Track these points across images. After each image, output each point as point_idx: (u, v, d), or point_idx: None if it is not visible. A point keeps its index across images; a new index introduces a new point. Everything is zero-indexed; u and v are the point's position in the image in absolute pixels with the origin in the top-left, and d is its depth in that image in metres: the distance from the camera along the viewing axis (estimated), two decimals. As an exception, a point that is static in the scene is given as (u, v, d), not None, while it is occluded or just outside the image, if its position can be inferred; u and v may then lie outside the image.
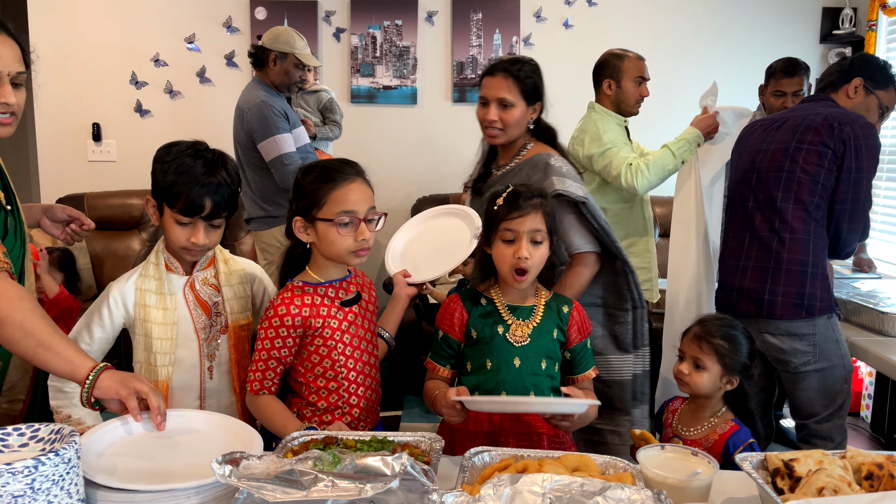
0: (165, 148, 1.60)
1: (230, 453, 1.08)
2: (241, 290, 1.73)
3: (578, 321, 1.68)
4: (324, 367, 1.60)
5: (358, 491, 1.01)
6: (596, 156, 2.63)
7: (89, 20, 4.29)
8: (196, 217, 1.55)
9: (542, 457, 1.23)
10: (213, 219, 1.58)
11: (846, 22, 4.17)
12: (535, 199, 1.61)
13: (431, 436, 1.33)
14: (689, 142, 2.57)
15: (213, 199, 1.55)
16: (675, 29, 4.35)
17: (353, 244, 1.55)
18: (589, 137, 2.67)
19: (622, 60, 2.75)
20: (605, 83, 2.77)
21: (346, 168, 1.58)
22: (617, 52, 2.80)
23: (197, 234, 1.57)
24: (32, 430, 1.13)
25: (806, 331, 2.24)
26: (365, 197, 1.57)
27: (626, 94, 2.74)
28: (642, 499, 1.02)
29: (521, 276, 1.58)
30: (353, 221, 1.54)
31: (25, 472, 0.98)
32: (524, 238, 1.58)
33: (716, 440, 1.66)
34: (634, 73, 2.73)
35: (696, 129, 2.59)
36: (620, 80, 2.74)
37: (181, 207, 1.54)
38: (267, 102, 3.09)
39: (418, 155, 4.44)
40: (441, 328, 1.69)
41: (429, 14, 4.33)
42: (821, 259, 2.26)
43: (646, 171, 2.52)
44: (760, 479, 1.15)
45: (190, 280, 1.66)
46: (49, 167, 4.40)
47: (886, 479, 1.16)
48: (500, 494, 1.04)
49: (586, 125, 2.74)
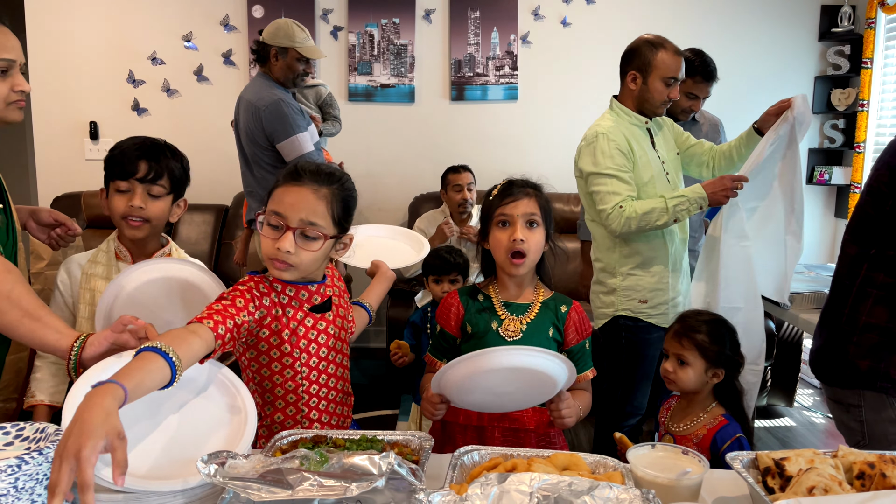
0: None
1: (216, 453, 1.08)
2: None
3: (577, 322, 1.67)
4: (284, 376, 1.46)
5: (343, 490, 1.00)
6: (588, 175, 2.33)
7: (86, 19, 4.29)
8: (132, 180, 1.59)
9: (531, 456, 1.22)
10: (151, 184, 1.61)
11: (845, 20, 4.16)
12: (528, 187, 1.64)
13: (421, 435, 1.32)
14: (689, 201, 2.22)
15: (148, 160, 1.59)
16: (673, 27, 4.34)
17: (271, 250, 1.38)
18: (587, 150, 2.34)
19: (656, 52, 2.30)
20: (629, 75, 2.36)
21: (308, 172, 1.42)
22: (653, 39, 2.34)
23: (134, 198, 1.59)
24: (17, 430, 1.13)
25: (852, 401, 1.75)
26: (304, 206, 1.37)
27: (652, 93, 2.33)
28: (630, 498, 1.02)
29: (518, 258, 1.58)
30: (280, 226, 1.37)
31: (8, 472, 0.97)
32: (518, 221, 1.59)
33: (704, 435, 1.66)
34: (666, 72, 2.30)
35: (704, 192, 2.23)
36: (648, 75, 2.32)
37: (117, 172, 1.59)
38: (284, 101, 3.00)
39: (416, 153, 4.44)
40: (439, 323, 1.71)
41: (426, 12, 4.32)
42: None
43: (631, 221, 2.23)
44: (751, 479, 1.14)
45: None
46: (46, 166, 4.40)
47: (878, 478, 1.15)
48: (488, 494, 1.03)
49: (593, 132, 2.35)
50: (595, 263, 2.48)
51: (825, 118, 4.37)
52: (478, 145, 4.43)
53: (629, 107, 2.39)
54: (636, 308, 2.38)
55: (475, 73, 4.36)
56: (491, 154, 4.42)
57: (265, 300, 1.40)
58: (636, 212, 2.22)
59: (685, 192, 2.24)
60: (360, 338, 4.44)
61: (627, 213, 2.22)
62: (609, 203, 2.25)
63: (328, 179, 1.42)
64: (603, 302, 2.45)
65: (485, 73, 4.36)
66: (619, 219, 2.23)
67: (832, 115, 4.34)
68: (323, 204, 1.40)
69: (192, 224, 4.24)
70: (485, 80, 4.36)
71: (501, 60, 4.35)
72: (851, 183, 4.11)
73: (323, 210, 1.40)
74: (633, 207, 2.23)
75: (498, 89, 4.37)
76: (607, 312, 2.43)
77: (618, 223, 2.24)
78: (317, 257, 1.41)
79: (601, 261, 2.44)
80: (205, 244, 4.18)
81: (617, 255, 2.38)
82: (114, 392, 1.01)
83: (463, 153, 4.31)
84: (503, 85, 4.37)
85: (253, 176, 3.17)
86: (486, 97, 4.38)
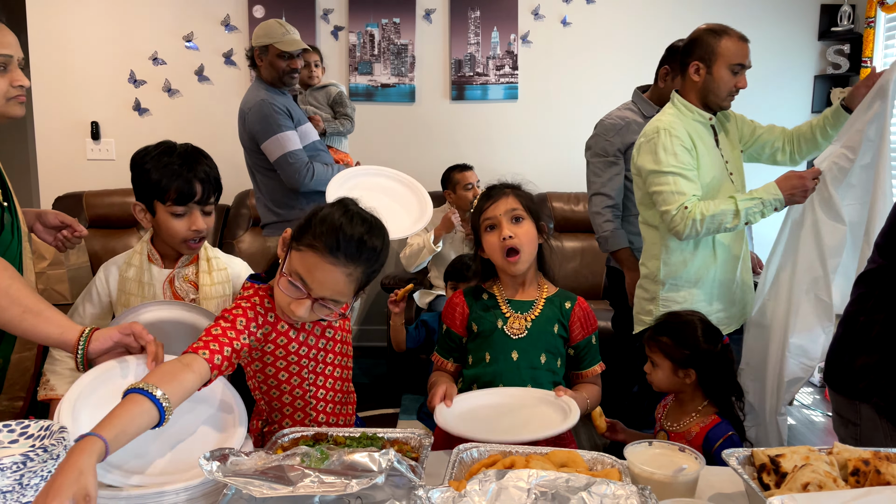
0: (140, 152, 1.66)
1: (218, 449, 1.09)
2: (220, 290, 1.71)
3: (581, 317, 1.69)
4: (291, 383, 1.48)
5: (344, 486, 1.02)
6: (648, 173, 2.18)
7: (88, 19, 4.30)
8: (190, 203, 1.61)
9: (529, 452, 1.24)
10: (205, 203, 1.64)
11: (844, 19, 4.16)
12: (505, 187, 1.69)
13: (421, 432, 1.33)
14: (763, 203, 2.06)
15: (202, 183, 1.62)
16: (673, 26, 4.33)
17: (286, 307, 1.34)
18: (647, 147, 2.19)
19: (719, 39, 2.18)
20: (692, 66, 2.21)
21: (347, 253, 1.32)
22: (714, 27, 2.23)
23: (196, 221, 1.63)
24: (22, 427, 1.14)
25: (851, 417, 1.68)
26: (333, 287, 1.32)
27: (718, 83, 2.18)
28: (626, 494, 1.03)
29: (513, 256, 1.61)
30: (301, 292, 1.32)
31: (14, 468, 0.98)
32: (503, 220, 1.63)
33: (697, 433, 1.69)
34: (732, 59, 2.16)
35: (780, 192, 2.06)
36: (713, 64, 2.17)
37: (174, 198, 1.60)
38: (267, 101, 2.97)
39: (416, 152, 4.45)
40: (444, 322, 1.74)
41: (427, 12, 4.33)
42: None
43: (698, 223, 2.06)
44: (746, 475, 1.15)
45: (171, 275, 1.69)
46: (48, 166, 4.41)
47: (872, 475, 1.16)
48: (486, 490, 1.04)
49: (654, 128, 2.20)
50: (641, 268, 2.39)
51: (825, 117, 4.38)
52: (478, 145, 4.44)
53: (692, 101, 2.24)
54: None
55: (475, 73, 4.37)
56: (491, 153, 4.43)
57: (269, 316, 1.40)
58: (703, 213, 2.06)
59: (758, 194, 2.07)
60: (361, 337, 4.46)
61: (693, 214, 2.06)
62: (673, 204, 2.09)
63: (367, 260, 1.34)
64: (643, 308, 2.36)
65: (485, 72, 4.37)
66: (684, 221, 2.07)
67: (832, 113, 4.34)
68: (351, 283, 1.34)
69: (193, 223, 4.25)
70: (485, 80, 4.37)
71: (502, 60, 4.35)
72: (851, 182, 4.11)
73: (350, 290, 1.35)
74: (700, 208, 2.07)
75: (498, 89, 4.38)
76: (646, 320, 2.32)
77: (683, 225, 2.07)
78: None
79: (647, 266, 2.35)
80: (206, 243, 4.19)
81: (661, 264, 2.25)
82: (91, 448, 1.01)
83: (463, 152, 4.32)
84: (503, 84, 4.38)
85: (257, 183, 3.17)
86: (486, 97, 4.39)
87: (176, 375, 1.19)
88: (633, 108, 2.91)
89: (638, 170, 2.24)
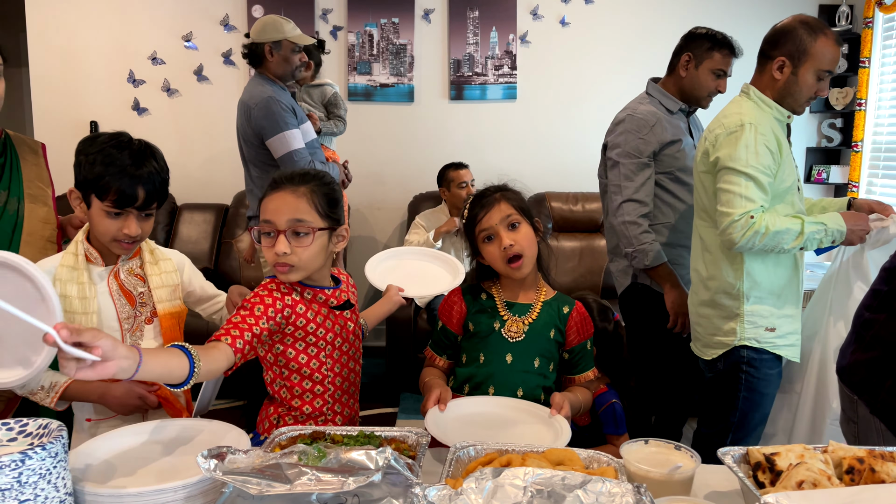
0: (88, 140, 1.56)
1: (216, 447, 1.09)
2: (170, 279, 1.68)
3: (578, 322, 1.69)
4: (311, 367, 1.53)
5: (340, 484, 1.02)
6: (723, 168, 1.94)
7: (87, 18, 4.30)
8: (128, 208, 1.51)
9: (526, 451, 1.24)
10: (146, 209, 1.54)
11: (843, 19, 4.17)
12: (495, 192, 1.67)
13: (418, 430, 1.34)
14: (826, 232, 1.89)
15: (146, 188, 1.51)
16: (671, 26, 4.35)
17: (271, 257, 1.45)
18: (728, 140, 1.93)
19: (815, 38, 1.93)
20: (776, 61, 1.97)
21: (284, 178, 1.49)
22: (812, 22, 1.97)
23: (129, 226, 1.52)
24: (21, 425, 1.14)
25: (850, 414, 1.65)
26: (287, 207, 1.44)
27: (802, 87, 1.96)
28: (622, 492, 1.03)
29: (516, 262, 1.62)
30: (272, 233, 1.45)
31: (12, 466, 0.99)
32: (500, 229, 1.62)
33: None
34: (824, 63, 1.94)
35: (844, 226, 1.91)
36: (801, 64, 1.94)
37: (113, 199, 1.49)
38: (274, 97, 2.99)
39: (415, 152, 4.46)
40: (441, 319, 1.74)
41: (426, 12, 4.34)
42: None
43: (759, 237, 1.86)
44: (741, 473, 1.16)
45: (114, 269, 1.62)
46: (47, 165, 4.42)
47: (867, 473, 1.17)
48: (483, 488, 1.05)
49: (737, 121, 1.94)
50: (709, 282, 2.05)
51: (823, 117, 4.39)
52: (477, 144, 4.45)
53: (769, 98, 2.01)
54: (762, 337, 1.99)
55: (474, 73, 4.38)
56: (490, 153, 4.44)
57: (287, 299, 1.47)
58: (768, 227, 1.85)
59: (824, 220, 1.90)
60: (360, 336, 4.44)
61: (757, 226, 1.85)
62: (738, 208, 1.87)
63: (303, 179, 1.47)
64: (719, 329, 2.03)
65: (484, 72, 4.37)
66: (744, 230, 1.86)
67: (830, 114, 4.35)
68: (304, 201, 1.45)
69: (192, 223, 4.25)
70: (484, 80, 4.38)
71: (500, 60, 4.36)
72: (849, 182, 4.12)
73: (306, 206, 1.45)
74: (765, 222, 1.86)
75: (497, 89, 4.39)
76: (725, 342, 2.02)
77: (740, 234, 1.86)
78: (314, 252, 1.46)
79: (717, 278, 2.02)
80: (205, 243, 4.20)
81: (742, 272, 1.98)
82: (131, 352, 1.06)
83: (462, 152, 4.33)
84: (502, 84, 4.38)
85: (250, 176, 3.19)
86: (484, 97, 4.40)
87: (209, 351, 1.27)
88: (654, 102, 2.54)
89: (714, 162, 1.97)
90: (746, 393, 2.02)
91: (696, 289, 2.12)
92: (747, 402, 2.03)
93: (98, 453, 1.29)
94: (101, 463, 1.26)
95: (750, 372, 2.00)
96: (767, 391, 2.04)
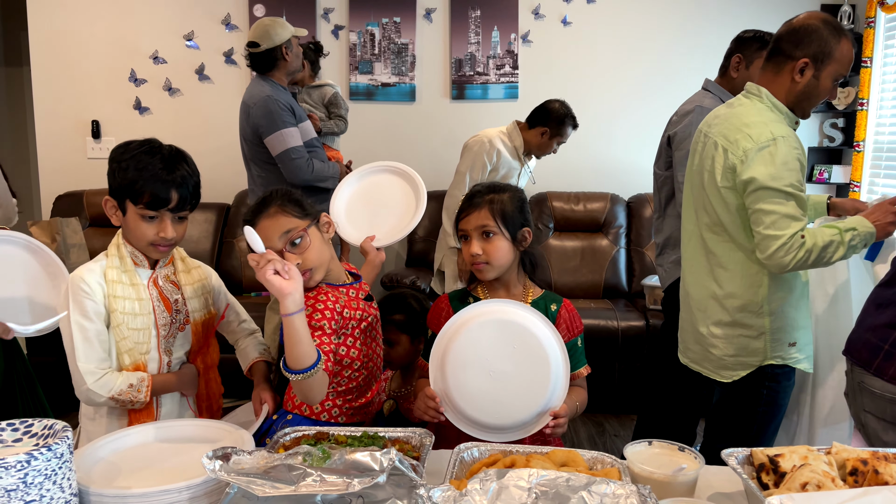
0: (120, 148, 1.60)
1: (221, 448, 1.10)
2: (201, 288, 1.74)
3: (567, 320, 1.69)
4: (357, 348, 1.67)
5: (345, 485, 1.02)
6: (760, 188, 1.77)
7: (88, 17, 4.30)
8: (163, 210, 1.56)
9: (530, 452, 1.25)
10: (180, 211, 1.59)
11: (844, 19, 4.17)
12: (486, 195, 1.67)
13: (422, 431, 1.34)
14: (860, 236, 1.80)
15: (179, 191, 1.56)
16: (672, 26, 4.36)
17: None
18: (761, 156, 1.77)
19: (839, 40, 1.80)
20: (800, 62, 1.82)
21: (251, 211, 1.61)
22: (834, 22, 1.83)
23: (165, 229, 1.58)
24: (26, 426, 1.15)
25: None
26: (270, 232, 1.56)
27: (821, 91, 1.84)
28: (626, 493, 1.04)
29: (479, 265, 1.65)
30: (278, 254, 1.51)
31: (18, 467, 0.99)
32: (473, 235, 1.65)
33: None
34: (843, 68, 1.83)
35: (870, 224, 1.81)
36: (824, 67, 1.81)
37: (147, 202, 1.54)
38: (272, 97, 3.04)
39: (417, 152, 4.45)
40: (430, 328, 1.74)
41: (427, 11, 4.34)
42: None
43: (811, 255, 1.75)
44: (745, 475, 1.16)
45: (153, 276, 1.66)
46: (49, 164, 4.42)
47: (871, 474, 1.17)
48: (487, 489, 1.05)
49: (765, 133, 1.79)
50: (726, 301, 1.93)
51: (825, 117, 4.38)
52: (478, 144, 4.44)
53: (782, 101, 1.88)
54: (787, 354, 1.92)
55: (476, 72, 4.38)
56: (491, 153, 4.43)
57: (331, 297, 1.61)
58: (816, 244, 1.75)
59: (853, 224, 1.80)
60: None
61: (808, 245, 1.74)
62: (787, 230, 1.74)
63: (266, 203, 1.60)
64: (743, 349, 1.93)
65: (485, 71, 4.37)
66: (797, 252, 1.74)
67: (832, 113, 4.35)
68: (278, 216, 1.57)
69: (193, 222, 4.25)
70: (485, 79, 4.38)
71: (502, 59, 4.36)
72: (851, 182, 4.12)
73: (282, 219, 1.57)
74: (814, 238, 1.76)
75: (498, 88, 4.39)
76: (751, 363, 1.93)
77: (793, 256, 1.74)
78: (316, 250, 1.59)
79: (737, 296, 1.91)
80: (206, 243, 4.20)
81: (765, 288, 1.89)
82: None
83: (463, 152, 4.32)
84: (504, 84, 4.38)
85: (252, 175, 3.22)
86: (486, 96, 4.40)
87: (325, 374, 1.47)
88: (716, 98, 2.49)
89: (748, 181, 1.79)
90: (765, 408, 1.96)
91: (707, 308, 1.99)
92: (766, 416, 1.97)
93: (103, 454, 1.30)
94: (106, 463, 1.27)
95: (771, 387, 1.94)
96: (784, 402, 1.99)
